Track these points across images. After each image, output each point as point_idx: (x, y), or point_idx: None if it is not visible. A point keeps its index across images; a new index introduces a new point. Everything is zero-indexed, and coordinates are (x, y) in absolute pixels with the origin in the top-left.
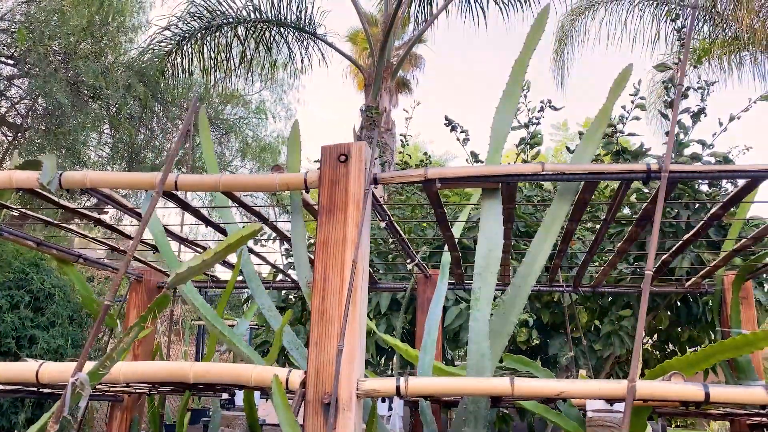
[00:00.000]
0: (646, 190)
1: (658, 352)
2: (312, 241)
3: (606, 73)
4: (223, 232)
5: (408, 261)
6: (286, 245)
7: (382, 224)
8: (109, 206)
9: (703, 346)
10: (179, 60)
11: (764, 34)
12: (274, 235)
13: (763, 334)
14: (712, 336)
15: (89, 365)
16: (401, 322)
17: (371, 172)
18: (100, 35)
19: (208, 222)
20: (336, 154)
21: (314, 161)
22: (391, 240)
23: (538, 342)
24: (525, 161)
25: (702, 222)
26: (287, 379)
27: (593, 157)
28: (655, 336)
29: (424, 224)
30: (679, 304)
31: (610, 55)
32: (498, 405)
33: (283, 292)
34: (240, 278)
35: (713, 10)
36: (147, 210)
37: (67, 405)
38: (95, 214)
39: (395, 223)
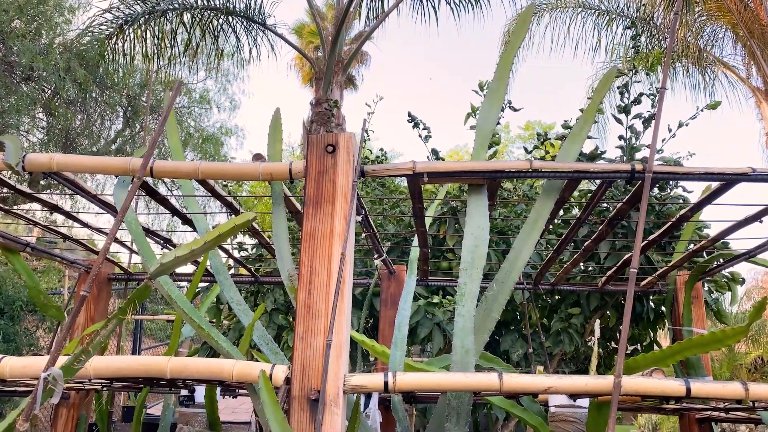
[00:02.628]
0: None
1: (602, 350)
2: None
3: (548, 79)
4: (191, 223)
5: (375, 256)
6: (239, 238)
7: (358, 218)
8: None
9: (644, 344)
10: (120, 44)
11: (696, 48)
12: None
13: (732, 332)
14: (652, 334)
15: (62, 360)
16: (363, 318)
17: (359, 164)
18: (34, 13)
19: (175, 212)
20: (323, 144)
21: (255, 154)
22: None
23: (488, 339)
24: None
25: (669, 223)
26: (271, 375)
27: (577, 155)
28: (599, 334)
29: (387, 219)
30: (622, 302)
31: (553, 61)
32: (476, 398)
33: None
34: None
35: (651, 22)
36: (126, 198)
37: (38, 402)
38: (50, 200)
39: (369, 218)
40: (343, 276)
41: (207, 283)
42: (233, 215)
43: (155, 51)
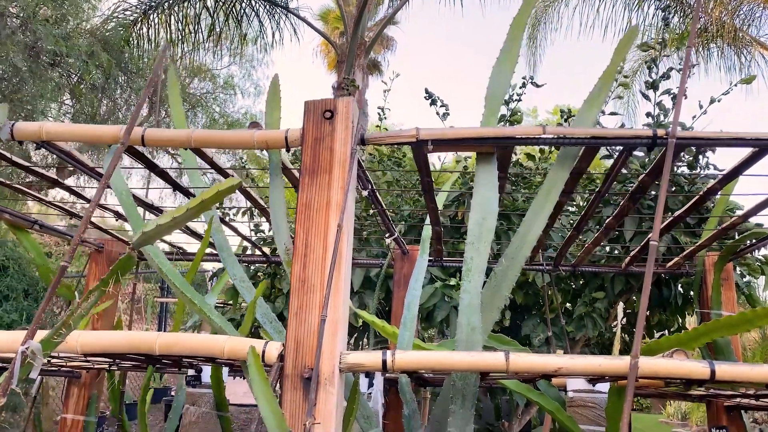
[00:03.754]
0: (625, 171)
1: (627, 336)
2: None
3: (577, 62)
4: (176, 186)
5: (387, 235)
6: (256, 219)
7: (364, 193)
8: (70, 171)
9: (672, 330)
10: (145, 30)
11: (732, 27)
12: (243, 208)
13: (763, 312)
14: (680, 320)
15: (42, 334)
16: (376, 299)
17: (359, 131)
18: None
19: (176, 186)
20: (321, 110)
21: (251, 122)
22: (368, 213)
23: (509, 323)
24: None
25: (697, 197)
26: (263, 352)
27: (595, 121)
28: (624, 320)
29: (402, 200)
30: (650, 287)
31: (581, 44)
32: (484, 381)
33: (252, 267)
34: (209, 250)
35: (684, 1)
36: (110, 163)
37: (15, 376)
38: (52, 174)
39: (377, 193)
40: (340, 249)
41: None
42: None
43: (179, 36)
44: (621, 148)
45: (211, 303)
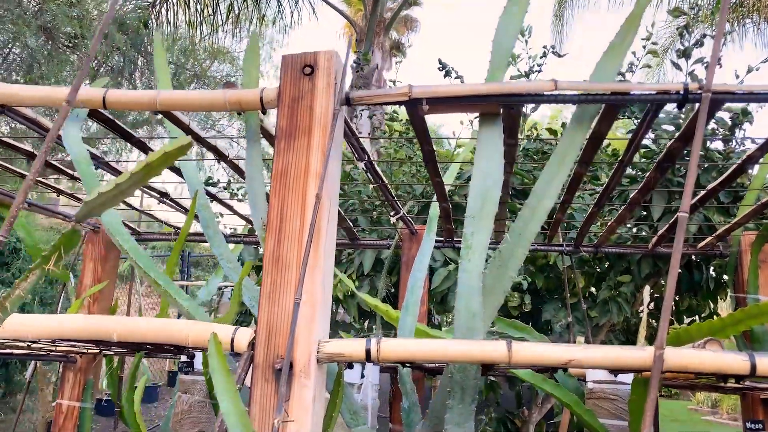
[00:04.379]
0: (654, 148)
1: (655, 322)
2: None
3: (606, 42)
4: (177, 171)
5: (392, 214)
6: None
7: (360, 165)
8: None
9: (703, 316)
10: (164, 11)
11: None
12: None
13: None
14: (712, 306)
15: None
16: (383, 282)
17: (342, 88)
18: None
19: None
20: (299, 65)
21: (226, 82)
22: (374, 188)
23: (530, 308)
24: (524, 115)
25: (734, 167)
26: (233, 339)
27: (616, 74)
28: (652, 305)
29: (414, 179)
30: (680, 270)
31: (610, 20)
32: (488, 373)
33: (261, 250)
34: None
35: None
36: (55, 123)
37: None
38: (28, 148)
39: (375, 165)
40: (319, 222)
41: (232, 244)
42: (220, 161)
43: (198, 18)
44: (646, 107)
45: (215, 284)
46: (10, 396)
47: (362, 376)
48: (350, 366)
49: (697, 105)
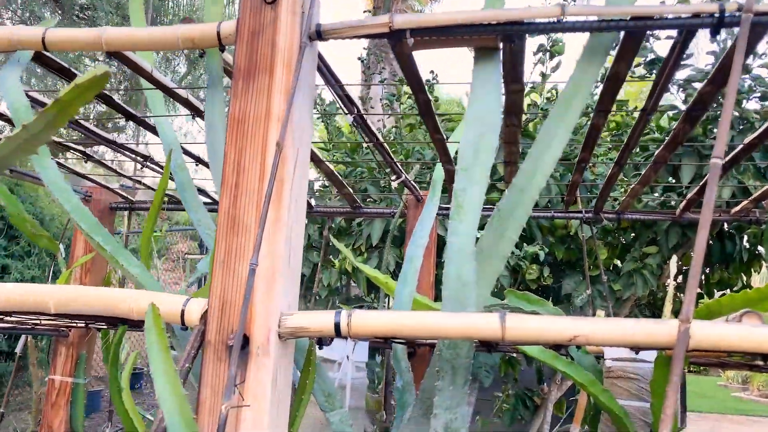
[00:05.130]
0: (682, 107)
1: (682, 295)
2: None
3: None
4: (153, 130)
5: (393, 178)
6: None
7: (349, 119)
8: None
9: (735, 289)
10: None
11: None
12: None
13: None
14: (745, 279)
15: None
16: (387, 253)
17: (311, 19)
18: None
19: (130, 116)
20: None
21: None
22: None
23: (550, 281)
24: (543, 74)
25: None
26: (183, 312)
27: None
28: (680, 278)
29: (424, 145)
30: (710, 240)
31: None
32: (492, 351)
33: None
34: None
35: None
36: None
37: None
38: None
39: (367, 120)
40: (281, 174)
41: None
42: (197, 117)
43: None
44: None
45: None
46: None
47: (353, 352)
48: (330, 341)
49: (735, 31)
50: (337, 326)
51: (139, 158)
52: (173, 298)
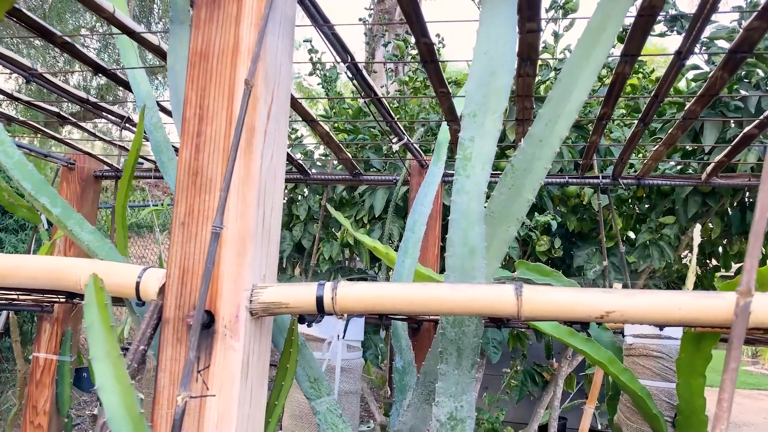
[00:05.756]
0: (706, 68)
1: (699, 269)
2: None
3: None
4: (126, 86)
5: (394, 140)
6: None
7: (342, 67)
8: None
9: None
10: None
11: None
12: None
13: None
14: (765, 251)
15: None
16: (389, 223)
17: None
18: None
19: (99, 69)
20: None
21: None
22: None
23: (560, 253)
24: (556, 34)
25: None
26: (138, 284)
27: None
28: (696, 249)
29: (433, 107)
30: (731, 209)
31: None
32: (501, 327)
33: None
34: None
35: None
36: None
37: None
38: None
39: (364, 72)
40: (251, 119)
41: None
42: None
43: None
44: None
45: None
46: None
47: (345, 330)
48: (320, 318)
49: None
50: (319, 301)
51: (117, 119)
52: (129, 268)
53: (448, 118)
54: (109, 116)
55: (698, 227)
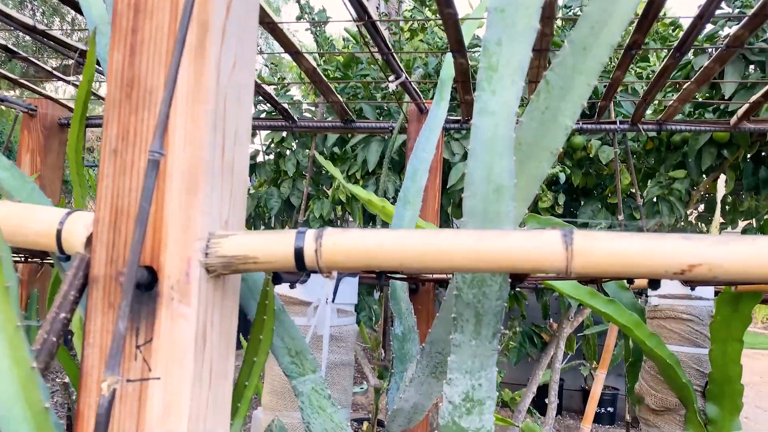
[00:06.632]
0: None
1: (704, 225)
2: None
3: None
4: (75, 7)
5: (390, 78)
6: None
7: None
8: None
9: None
10: None
11: None
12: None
13: None
14: None
15: None
16: (384, 175)
17: None
18: None
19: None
20: None
21: None
22: (387, 73)
23: (562, 210)
24: None
25: None
26: (59, 232)
27: None
28: (701, 206)
29: (430, 55)
30: (741, 163)
31: None
32: (516, 288)
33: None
34: None
35: None
36: None
37: None
38: None
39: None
40: (203, 14)
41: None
42: None
43: None
44: None
45: None
46: None
47: (335, 292)
48: (305, 277)
49: None
50: (299, 254)
51: (71, 53)
52: (48, 211)
53: (454, 48)
54: (61, 47)
55: (722, 178)
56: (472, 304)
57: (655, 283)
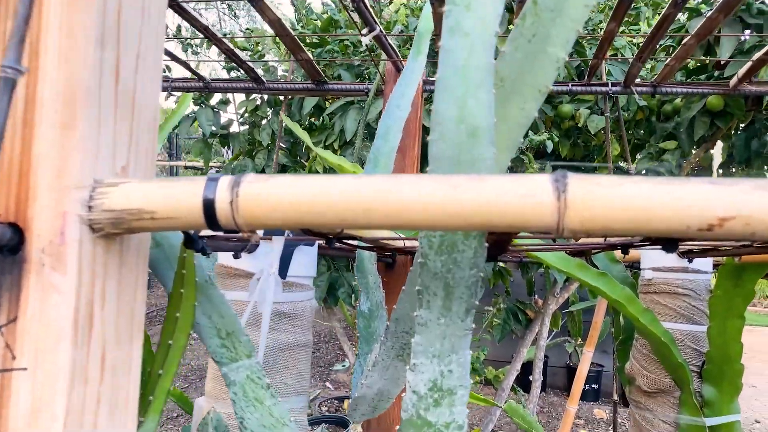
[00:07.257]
0: None
1: None
2: None
3: None
4: None
5: (363, 32)
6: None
7: None
8: None
9: None
10: None
11: None
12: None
13: None
14: None
15: None
16: (358, 144)
17: None
18: None
19: None
20: None
21: None
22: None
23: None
24: None
25: None
26: None
27: None
28: (720, 160)
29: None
30: (734, 134)
31: None
32: (495, 260)
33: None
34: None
35: None
36: None
37: None
38: None
39: None
40: None
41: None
42: None
43: None
44: None
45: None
46: None
47: (283, 262)
48: (253, 246)
49: None
50: (209, 207)
51: None
52: None
53: None
54: None
55: (719, 145)
56: (440, 274)
57: (672, 245)
